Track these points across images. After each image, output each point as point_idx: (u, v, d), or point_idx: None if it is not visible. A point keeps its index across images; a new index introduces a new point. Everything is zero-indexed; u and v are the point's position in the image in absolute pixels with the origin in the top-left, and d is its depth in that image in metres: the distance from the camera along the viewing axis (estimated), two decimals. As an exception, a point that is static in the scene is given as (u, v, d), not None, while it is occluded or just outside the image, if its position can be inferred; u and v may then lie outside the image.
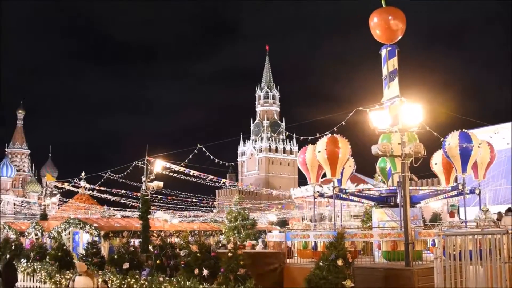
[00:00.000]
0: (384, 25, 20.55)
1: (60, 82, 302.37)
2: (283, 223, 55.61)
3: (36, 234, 34.27)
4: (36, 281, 26.87)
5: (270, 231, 33.47)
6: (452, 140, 20.33)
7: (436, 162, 22.91)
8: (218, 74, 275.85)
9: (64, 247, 26.37)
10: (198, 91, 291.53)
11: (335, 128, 21.20)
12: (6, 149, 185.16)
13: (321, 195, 23.52)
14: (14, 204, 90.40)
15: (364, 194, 23.20)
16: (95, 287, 15.62)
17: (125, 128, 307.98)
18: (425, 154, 17.33)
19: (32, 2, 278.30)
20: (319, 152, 21.43)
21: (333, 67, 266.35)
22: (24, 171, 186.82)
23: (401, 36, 20.80)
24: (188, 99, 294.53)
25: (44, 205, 46.56)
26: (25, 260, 28.47)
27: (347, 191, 22.47)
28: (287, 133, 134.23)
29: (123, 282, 18.98)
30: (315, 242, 20.09)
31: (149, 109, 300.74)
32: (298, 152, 30.31)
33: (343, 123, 20.82)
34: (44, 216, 42.80)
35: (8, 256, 17.03)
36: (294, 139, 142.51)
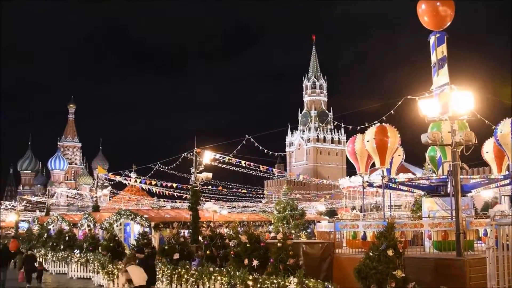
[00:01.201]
0: (432, 12, 20.25)
1: (112, 84, 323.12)
2: (331, 213, 55.44)
3: (88, 225, 34.91)
4: (89, 271, 27.43)
5: (319, 221, 33.34)
6: (504, 127, 19.85)
7: (488, 150, 22.42)
8: (262, 69, 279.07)
9: (116, 238, 26.81)
10: (243, 87, 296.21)
11: (384, 117, 20.99)
12: (58, 143, 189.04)
13: (370, 184, 23.34)
14: (67, 196, 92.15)
15: (414, 183, 22.91)
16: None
17: (170, 124, 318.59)
18: (476, 142, 16.99)
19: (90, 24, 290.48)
20: (368, 141, 21.27)
21: (381, 55, 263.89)
22: (76, 164, 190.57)
23: (449, 22, 20.46)
24: (235, 95, 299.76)
25: (96, 197, 47.40)
26: (78, 251, 29.06)
27: (396, 180, 22.22)
28: (335, 122, 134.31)
29: (174, 272, 19.18)
30: (364, 232, 19.97)
31: (192, 107, 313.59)
32: (346, 141, 30.12)
33: (392, 112, 20.58)
34: (96, 208, 43.54)
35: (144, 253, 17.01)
36: (342, 129, 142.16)
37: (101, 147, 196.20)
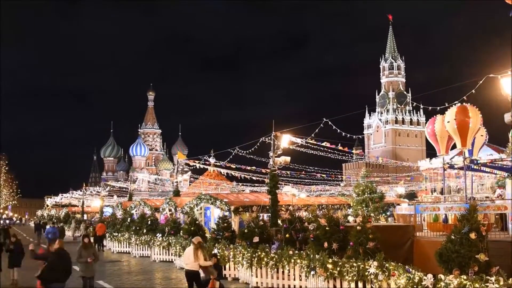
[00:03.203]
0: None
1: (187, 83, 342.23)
2: (411, 195, 54.56)
3: (170, 210, 35.65)
4: (171, 255, 28.08)
5: (398, 204, 32.94)
6: None
7: None
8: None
9: (197, 222, 27.25)
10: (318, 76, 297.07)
11: (464, 97, 20.43)
12: (139, 129, 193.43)
13: (451, 166, 22.85)
14: (149, 182, 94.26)
15: (497, 164, 22.27)
16: (197, 257, 15.95)
17: (245, 113, 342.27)
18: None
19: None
20: (448, 122, 20.83)
21: (460, 33, 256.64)
22: (156, 150, 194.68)
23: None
24: (310, 85, 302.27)
25: (177, 182, 48.26)
26: (160, 235, 29.76)
27: (478, 162, 21.67)
28: (414, 103, 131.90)
29: (254, 255, 19.37)
30: (445, 215, 19.63)
31: (267, 98, 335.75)
32: (425, 123, 29.59)
33: (473, 91, 19.99)
34: (176, 193, 44.33)
35: None
36: (421, 110, 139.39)
37: (180, 133, 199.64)
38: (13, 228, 51.82)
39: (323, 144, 29.03)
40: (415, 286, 12.53)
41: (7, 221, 70.06)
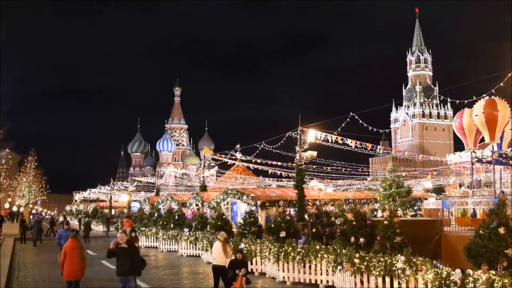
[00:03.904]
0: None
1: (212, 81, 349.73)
2: (439, 190, 54.15)
3: (196, 205, 35.80)
4: (198, 249, 28.19)
5: (425, 199, 32.71)
6: None
7: None
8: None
9: (224, 217, 27.32)
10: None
11: (493, 90, 20.24)
12: (166, 125, 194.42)
13: (479, 160, 22.64)
14: (175, 177, 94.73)
15: (526, 158, 22.04)
16: (226, 252, 16.16)
17: (270, 110, 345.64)
18: None
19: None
20: (476, 115, 20.67)
21: (487, 25, 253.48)
22: (183, 145, 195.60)
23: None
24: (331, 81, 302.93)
25: (203, 176, 48.45)
26: (187, 229, 29.89)
27: (507, 155, 21.45)
28: (441, 97, 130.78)
29: (280, 250, 19.38)
30: (474, 209, 19.47)
31: (292, 95, 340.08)
32: (453, 116, 29.30)
33: (501, 84, 19.80)
34: (203, 187, 44.49)
35: None
36: (449, 103, 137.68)
37: (206, 128, 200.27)
38: (44, 223, 52.27)
39: (348, 140, 28.93)
40: (443, 281, 12.45)
41: (37, 216, 71.06)
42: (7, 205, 77.93)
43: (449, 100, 32.30)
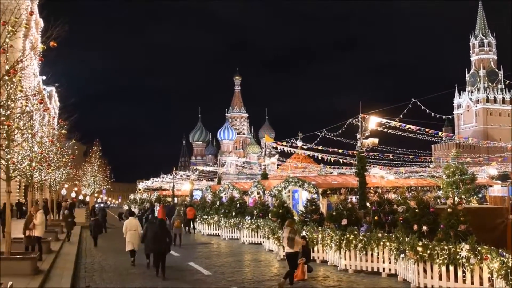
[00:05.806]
0: None
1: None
2: (504, 177, 52.90)
3: (258, 193, 35.97)
4: (260, 237, 28.43)
5: (491, 186, 32.08)
6: None
7: None
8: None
9: (285, 205, 27.37)
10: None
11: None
12: (226, 114, 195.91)
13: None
14: (237, 165, 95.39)
15: None
16: (290, 237, 16.54)
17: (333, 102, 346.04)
18: None
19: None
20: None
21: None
22: (243, 133, 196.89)
23: None
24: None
25: (264, 165, 48.64)
26: (249, 217, 30.16)
27: None
28: (507, 81, 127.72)
29: (342, 238, 19.37)
30: (541, 196, 19.04)
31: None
32: (519, 102, 28.65)
33: None
34: (264, 176, 44.63)
35: None
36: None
37: (267, 117, 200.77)
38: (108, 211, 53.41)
39: (408, 127, 28.57)
40: (509, 271, 12.27)
41: (102, 205, 72.81)
42: (73, 194, 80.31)
43: (515, 84, 31.52)
